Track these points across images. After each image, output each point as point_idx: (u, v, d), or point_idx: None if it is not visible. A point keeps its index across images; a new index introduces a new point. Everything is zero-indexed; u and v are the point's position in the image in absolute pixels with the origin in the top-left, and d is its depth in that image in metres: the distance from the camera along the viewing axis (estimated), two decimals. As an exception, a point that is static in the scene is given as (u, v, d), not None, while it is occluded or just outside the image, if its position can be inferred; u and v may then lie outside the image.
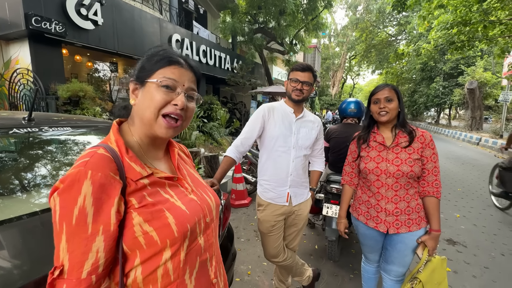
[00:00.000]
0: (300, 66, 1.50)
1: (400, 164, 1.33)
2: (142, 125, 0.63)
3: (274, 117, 1.55)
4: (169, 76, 0.60)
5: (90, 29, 5.28)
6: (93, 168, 0.51)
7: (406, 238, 1.38)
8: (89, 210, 0.49)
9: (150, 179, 0.60)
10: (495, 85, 14.20)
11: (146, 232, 0.54)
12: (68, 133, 1.51)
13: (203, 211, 0.67)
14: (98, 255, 0.49)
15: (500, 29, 6.89)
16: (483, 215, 3.69)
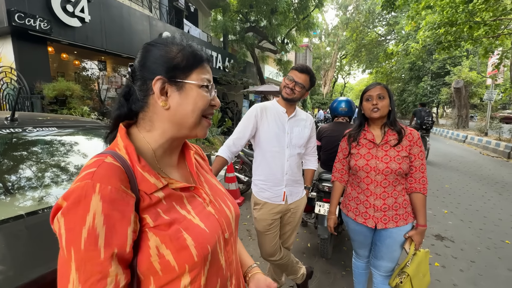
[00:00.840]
0: (299, 67, 1.50)
1: (389, 161, 1.37)
2: (179, 130, 0.56)
3: (267, 117, 1.54)
4: (206, 76, 0.57)
5: (77, 27, 5.14)
6: (102, 180, 0.43)
7: (394, 233, 1.42)
8: (100, 231, 0.41)
9: (165, 191, 0.52)
10: (480, 84, 14.65)
11: (162, 255, 0.47)
12: (54, 133, 1.46)
13: (222, 227, 0.59)
14: (118, 278, 0.42)
15: (485, 30, 7.10)
16: (469, 211, 3.80)
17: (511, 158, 7.98)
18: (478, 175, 5.95)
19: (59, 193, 1.17)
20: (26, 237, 0.92)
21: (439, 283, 2.19)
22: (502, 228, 3.26)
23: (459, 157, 8.24)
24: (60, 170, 1.30)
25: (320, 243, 2.44)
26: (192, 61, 0.55)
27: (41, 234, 0.94)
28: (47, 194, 1.14)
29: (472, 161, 7.62)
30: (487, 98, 11.23)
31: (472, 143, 10.88)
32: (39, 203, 1.08)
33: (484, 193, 4.65)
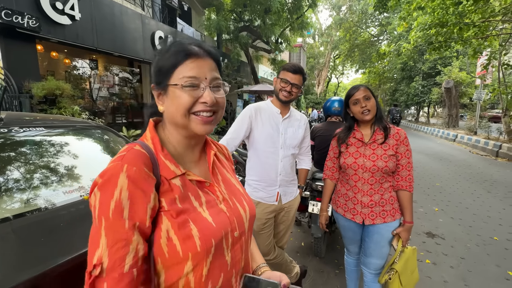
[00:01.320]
0: (292, 68, 1.49)
1: (376, 160, 1.42)
2: (177, 129, 0.61)
3: (261, 118, 1.54)
4: (189, 74, 0.56)
5: (67, 24, 5.04)
6: (129, 162, 0.50)
7: (381, 229, 1.46)
8: (125, 204, 0.47)
9: (183, 180, 0.58)
10: (470, 84, 14.93)
11: (170, 239, 0.51)
12: (43, 133, 1.43)
13: (232, 225, 0.61)
14: (138, 247, 0.48)
15: (474, 31, 7.24)
16: (459, 208, 3.88)
17: (499, 156, 8.18)
18: (467, 173, 6.07)
19: (48, 194, 1.15)
20: (13, 240, 0.90)
21: (430, 280, 2.23)
22: (490, 225, 3.34)
23: (450, 155, 8.40)
24: (49, 171, 1.27)
25: (314, 242, 2.45)
26: (173, 61, 0.57)
27: (29, 236, 0.92)
28: (35, 196, 1.11)
29: (462, 159, 7.78)
30: (476, 98, 11.47)
31: (462, 142, 11.11)
32: (26, 205, 1.05)
33: (473, 191, 4.75)
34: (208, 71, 0.59)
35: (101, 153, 1.67)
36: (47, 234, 0.93)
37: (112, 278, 0.45)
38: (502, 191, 4.75)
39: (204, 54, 0.59)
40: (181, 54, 0.57)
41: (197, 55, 0.58)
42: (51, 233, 0.94)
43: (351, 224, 1.54)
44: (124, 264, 0.46)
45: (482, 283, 2.20)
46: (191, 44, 0.59)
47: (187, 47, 0.58)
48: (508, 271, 2.37)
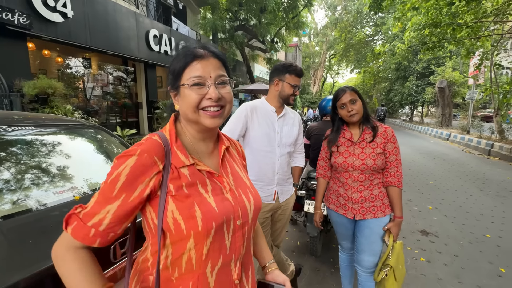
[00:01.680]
0: (299, 72, 1.53)
1: (364, 158, 1.47)
2: (190, 124, 0.69)
3: (257, 117, 1.54)
4: (194, 74, 0.64)
5: (59, 22, 4.95)
6: (143, 149, 0.60)
7: (371, 223, 1.50)
8: (122, 178, 0.57)
9: (191, 170, 0.65)
10: (463, 84, 15.15)
11: (175, 219, 0.60)
12: (33, 133, 1.40)
13: (235, 213, 0.67)
14: (107, 215, 0.57)
15: (467, 32, 7.34)
16: (452, 207, 3.93)
17: (491, 155, 8.32)
18: (461, 172, 6.16)
19: (38, 195, 1.12)
20: (2, 243, 0.87)
21: (424, 278, 2.25)
22: (483, 222, 3.39)
23: (443, 154, 8.51)
24: (40, 171, 1.24)
25: (310, 241, 2.45)
26: (182, 64, 0.65)
27: (19, 238, 0.89)
28: (24, 197, 1.09)
29: (455, 158, 7.88)
30: (469, 98, 11.64)
31: (455, 141, 11.26)
32: (15, 206, 1.02)
33: (466, 189, 4.82)
34: (213, 70, 0.66)
35: (94, 153, 1.64)
36: (37, 236, 0.91)
37: (79, 222, 0.57)
38: (494, 189, 4.83)
39: (209, 55, 0.66)
40: (188, 57, 0.65)
41: (202, 57, 0.65)
42: (41, 235, 0.92)
43: (343, 219, 1.59)
44: (90, 220, 0.57)
45: (475, 280, 2.23)
46: (197, 47, 0.67)
47: (193, 50, 0.66)
48: (500, 268, 2.40)
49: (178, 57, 0.66)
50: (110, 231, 0.58)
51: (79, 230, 0.57)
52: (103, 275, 0.62)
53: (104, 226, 0.57)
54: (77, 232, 0.57)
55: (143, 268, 0.66)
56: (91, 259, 0.60)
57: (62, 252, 0.58)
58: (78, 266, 0.57)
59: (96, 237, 0.57)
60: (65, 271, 0.57)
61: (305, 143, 2.67)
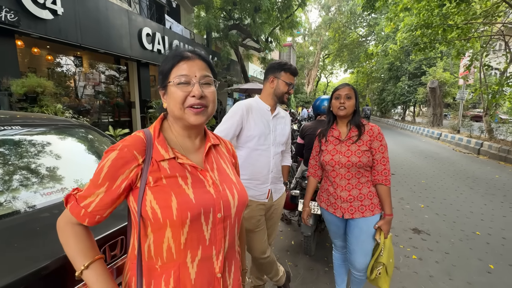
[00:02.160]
0: (294, 70, 1.54)
1: (350, 156, 1.50)
2: (176, 121, 0.74)
3: (253, 117, 1.53)
4: (181, 73, 0.69)
5: (49, 19, 4.83)
6: (124, 144, 0.67)
7: (360, 222, 1.52)
8: (105, 169, 0.65)
9: (171, 163, 0.70)
10: (453, 84, 15.42)
11: (153, 208, 0.65)
12: (20, 133, 1.36)
13: (216, 206, 0.71)
14: (95, 199, 0.66)
15: (457, 33, 7.48)
16: (443, 205, 4.00)
17: (480, 154, 8.50)
18: (451, 170, 6.28)
19: (27, 196, 1.09)
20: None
21: (416, 275, 2.28)
22: (473, 220, 3.46)
23: (434, 153, 8.66)
24: (28, 172, 1.20)
25: (304, 241, 2.46)
26: (169, 64, 0.71)
27: (4, 242, 0.86)
28: (12, 198, 1.05)
29: (446, 157, 8.03)
30: (459, 98, 11.87)
31: (446, 140, 11.47)
32: (1, 209, 0.99)
33: (457, 187, 4.91)
34: (198, 70, 0.71)
35: (84, 153, 1.61)
36: (24, 239, 0.88)
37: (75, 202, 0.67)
38: (483, 187, 4.93)
39: (195, 57, 0.72)
40: (176, 58, 0.71)
41: (188, 58, 0.71)
42: (28, 238, 0.89)
43: (333, 218, 1.63)
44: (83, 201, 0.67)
45: (465, 277, 2.27)
46: (185, 50, 0.73)
47: (181, 52, 0.72)
48: (489, 265, 2.45)
49: (168, 58, 0.72)
50: (96, 213, 0.67)
51: (74, 208, 0.67)
52: (95, 249, 0.70)
53: (92, 208, 0.66)
54: (73, 210, 0.67)
55: (131, 257, 0.73)
56: (86, 234, 0.69)
57: (63, 225, 0.68)
58: (74, 238, 0.67)
59: (85, 217, 0.67)
60: (65, 241, 0.67)
61: (299, 142, 2.67)
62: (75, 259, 0.66)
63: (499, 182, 5.27)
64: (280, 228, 3.13)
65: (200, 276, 0.69)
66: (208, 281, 0.71)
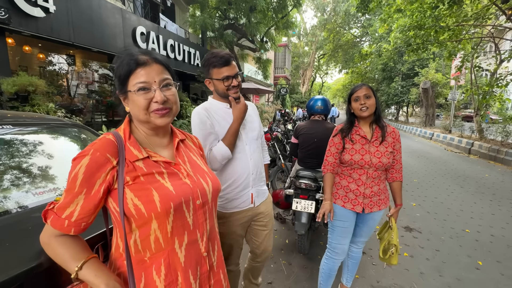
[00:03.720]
0: (220, 60, 1.25)
1: (381, 157, 1.55)
2: (142, 124, 0.77)
3: (215, 118, 1.35)
4: (139, 80, 0.71)
5: (40, 17, 4.76)
6: (96, 148, 0.68)
7: (376, 215, 1.66)
8: (80, 176, 0.66)
9: (146, 162, 0.73)
10: (445, 85, 15.68)
11: (135, 205, 0.68)
12: (11, 132, 1.34)
13: (194, 194, 0.76)
14: (76, 208, 0.67)
15: (449, 34, 7.61)
16: (435, 203, 4.07)
17: (471, 153, 8.67)
18: (443, 169, 6.39)
19: (16, 196, 1.08)
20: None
21: (407, 272, 2.32)
22: (463, 218, 3.53)
23: (426, 153, 8.80)
24: (20, 172, 1.19)
25: (298, 239, 2.48)
26: (126, 71, 0.71)
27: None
28: (3, 198, 1.05)
29: (438, 156, 8.17)
30: (451, 98, 12.07)
31: (438, 140, 11.66)
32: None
33: (448, 186, 5.01)
34: (156, 75, 0.73)
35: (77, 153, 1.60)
36: (15, 239, 0.88)
37: (54, 215, 0.68)
38: (473, 186, 5.04)
39: (151, 61, 0.73)
40: (132, 65, 0.71)
41: (144, 63, 0.72)
42: (19, 238, 0.89)
43: (349, 214, 1.65)
44: (63, 213, 0.67)
45: (455, 273, 2.32)
46: (139, 54, 0.73)
47: (136, 58, 0.72)
48: (478, 261, 2.52)
49: (122, 63, 0.72)
50: (81, 221, 0.68)
51: (55, 222, 0.67)
52: (86, 250, 0.71)
53: (75, 218, 0.67)
54: (55, 223, 0.67)
55: (116, 256, 0.75)
56: (73, 241, 0.70)
57: (47, 240, 0.69)
58: (62, 247, 0.68)
59: (70, 227, 0.68)
60: (53, 253, 0.69)
61: (294, 142, 2.70)
62: (68, 264, 0.67)
63: (488, 181, 5.39)
64: (275, 227, 3.15)
65: (189, 258, 0.76)
66: (196, 261, 0.77)
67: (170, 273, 0.73)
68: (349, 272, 1.95)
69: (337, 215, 1.68)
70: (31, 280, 0.75)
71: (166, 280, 0.72)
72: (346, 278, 1.97)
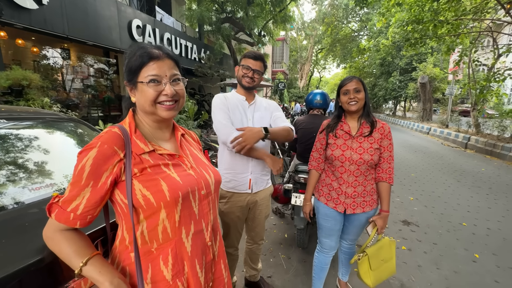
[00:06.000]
0: (252, 54, 1.50)
1: (362, 153, 1.46)
2: (147, 115, 0.79)
3: (230, 105, 1.53)
4: (152, 73, 0.73)
5: (33, 9, 4.64)
6: (103, 141, 0.68)
7: (361, 216, 1.58)
8: (87, 168, 0.66)
9: (152, 155, 0.75)
10: (443, 80, 15.70)
11: (144, 195, 0.69)
12: (7, 127, 1.31)
13: (199, 185, 0.79)
14: (82, 201, 0.67)
15: (447, 28, 7.58)
16: (432, 197, 4.11)
17: (468, 148, 8.73)
18: (440, 164, 6.44)
19: (12, 192, 1.06)
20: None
21: (405, 265, 2.35)
22: (459, 212, 3.57)
23: (424, 148, 8.85)
24: (15, 167, 1.17)
25: (297, 234, 2.49)
26: (139, 63, 0.73)
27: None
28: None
29: (435, 151, 8.22)
30: (449, 93, 12.10)
31: (435, 134, 11.73)
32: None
33: (445, 180, 5.05)
34: (168, 70, 0.75)
35: (74, 147, 1.57)
36: (11, 235, 0.86)
37: (60, 208, 0.67)
38: (470, 180, 5.09)
39: (164, 56, 0.76)
40: (145, 58, 0.73)
41: (157, 58, 0.74)
42: (16, 233, 0.87)
43: (333, 212, 1.59)
44: (68, 206, 0.67)
45: (452, 266, 2.35)
46: (153, 48, 0.75)
47: (150, 51, 0.74)
48: (475, 254, 2.55)
49: (135, 55, 0.74)
50: (87, 214, 0.68)
51: (60, 215, 0.67)
52: (90, 247, 0.71)
53: (81, 210, 0.67)
54: (60, 217, 0.67)
55: (121, 249, 0.75)
56: (77, 236, 0.70)
57: (51, 234, 0.68)
58: (66, 242, 0.68)
59: (76, 220, 0.68)
60: (57, 248, 0.68)
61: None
62: (72, 260, 0.66)
63: (485, 175, 5.44)
64: (274, 221, 3.16)
65: (195, 248, 0.78)
66: (201, 250, 0.80)
67: (177, 262, 0.74)
68: (344, 267, 1.92)
69: (321, 213, 1.65)
70: (30, 276, 0.74)
71: (173, 270, 0.73)
72: (342, 272, 1.95)
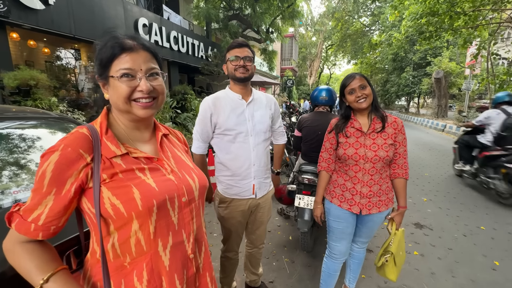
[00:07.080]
0: (235, 43, 1.39)
1: (377, 150, 1.39)
2: (122, 114, 0.70)
3: (222, 108, 1.40)
4: (124, 66, 0.64)
5: (40, 9, 4.69)
6: (66, 143, 0.61)
7: (375, 217, 1.51)
8: (48, 174, 0.59)
9: (125, 158, 0.67)
10: (459, 74, 15.05)
11: (114, 204, 0.62)
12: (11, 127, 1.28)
13: (179, 191, 0.71)
14: (45, 210, 0.60)
15: (464, 20, 7.19)
16: (447, 198, 3.89)
17: (486, 146, 8.30)
18: (455, 163, 6.12)
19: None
20: None
21: (417, 272, 2.19)
22: (477, 214, 3.35)
23: (438, 145, 8.48)
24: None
25: (301, 237, 2.38)
26: (109, 54, 0.64)
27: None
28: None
29: (450, 149, 7.84)
30: (465, 88, 11.57)
31: (450, 132, 11.25)
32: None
33: (460, 180, 4.78)
34: (143, 63, 0.67)
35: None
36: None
37: (20, 218, 0.60)
38: (488, 180, 4.79)
39: (138, 47, 0.67)
40: (116, 49, 0.64)
41: (131, 49, 0.66)
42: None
43: (346, 214, 1.52)
44: (29, 215, 0.60)
45: (469, 274, 2.18)
46: (126, 38, 0.66)
47: (121, 42, 0.65)
48: (494, 261, 2.36)
49: (106, 46, 0.65)
50: (49, 224, 0.61)
51: (21, 225, 0.60)
52: (55, 261, 0.64)
53: (43, 221, 0.60)
54: (20, 228, 0.60)
55: (92, 262, 0.68)
56: (40, 248, 0.63)
57: (11, 246, 0.61)
58: (27, 256, 0.61)
59: (37, 231, 0.61)
60: (16, 262, 0.61)
61: (297, 135, 2.56)
62: (32, 276, 0.59)
63: (505, 175, 5.12)
64: (278, 223, 3.06)
65: (174, 262, 0.70)
66: (182, 264, 0.72)
67: (154, 278, 0.67)
68: (352, 273, 1.83)
69: (333, 215, 1.56)
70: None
71: (149, 286, 0.67)
72: (349, 279, 1.86)
